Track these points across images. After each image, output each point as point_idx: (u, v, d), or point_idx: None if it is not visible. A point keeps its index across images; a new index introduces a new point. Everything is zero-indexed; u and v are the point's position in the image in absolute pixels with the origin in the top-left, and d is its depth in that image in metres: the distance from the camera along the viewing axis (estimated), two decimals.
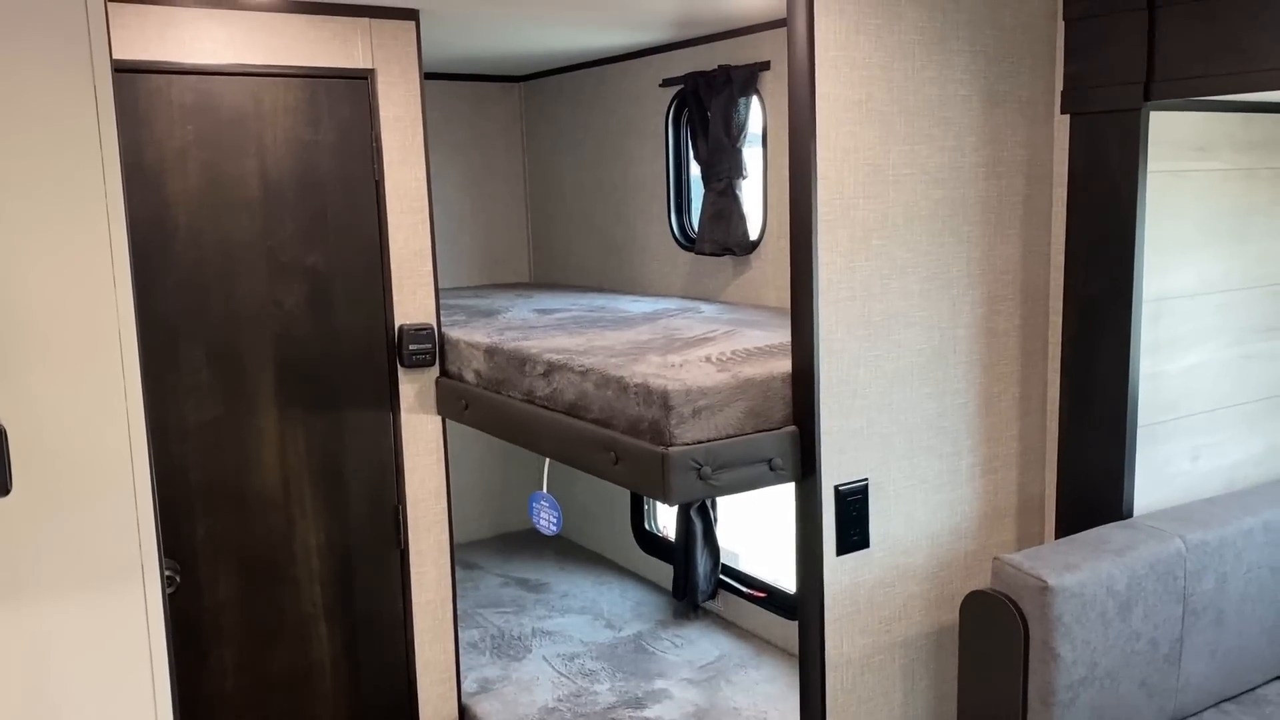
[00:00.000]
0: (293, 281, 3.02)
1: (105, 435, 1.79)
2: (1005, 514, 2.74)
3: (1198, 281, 2.61)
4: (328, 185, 3.04)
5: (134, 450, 1.83)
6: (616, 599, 4.30)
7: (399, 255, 3.17)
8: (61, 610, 1.79)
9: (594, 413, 2.56)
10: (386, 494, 3.23)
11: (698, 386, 2.33)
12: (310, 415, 3.09)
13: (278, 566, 3.09)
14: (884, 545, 2.53)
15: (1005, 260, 2.64)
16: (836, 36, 2.29)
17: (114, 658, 1.85)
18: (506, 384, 2.94)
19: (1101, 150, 2.50)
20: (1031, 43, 2.58)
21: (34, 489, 1.73)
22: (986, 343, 2.64)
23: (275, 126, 2.95)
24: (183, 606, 2.95)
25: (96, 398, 1.78)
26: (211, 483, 2.98)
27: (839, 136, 2.33)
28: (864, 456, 2.47)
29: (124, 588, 1.84)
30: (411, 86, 3.13)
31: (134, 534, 1.85)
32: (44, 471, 1.74)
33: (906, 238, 2.47)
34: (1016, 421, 2.72)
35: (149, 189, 2.80)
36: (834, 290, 2.38)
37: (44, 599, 1.77)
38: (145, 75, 2.76)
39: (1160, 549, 2.33)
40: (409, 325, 3.19)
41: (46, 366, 1.73)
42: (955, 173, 2.52)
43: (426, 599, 3.33)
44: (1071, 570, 2.21)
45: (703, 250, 3.77)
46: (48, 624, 1.78)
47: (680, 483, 2.26)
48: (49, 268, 1.72)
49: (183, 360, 2.90)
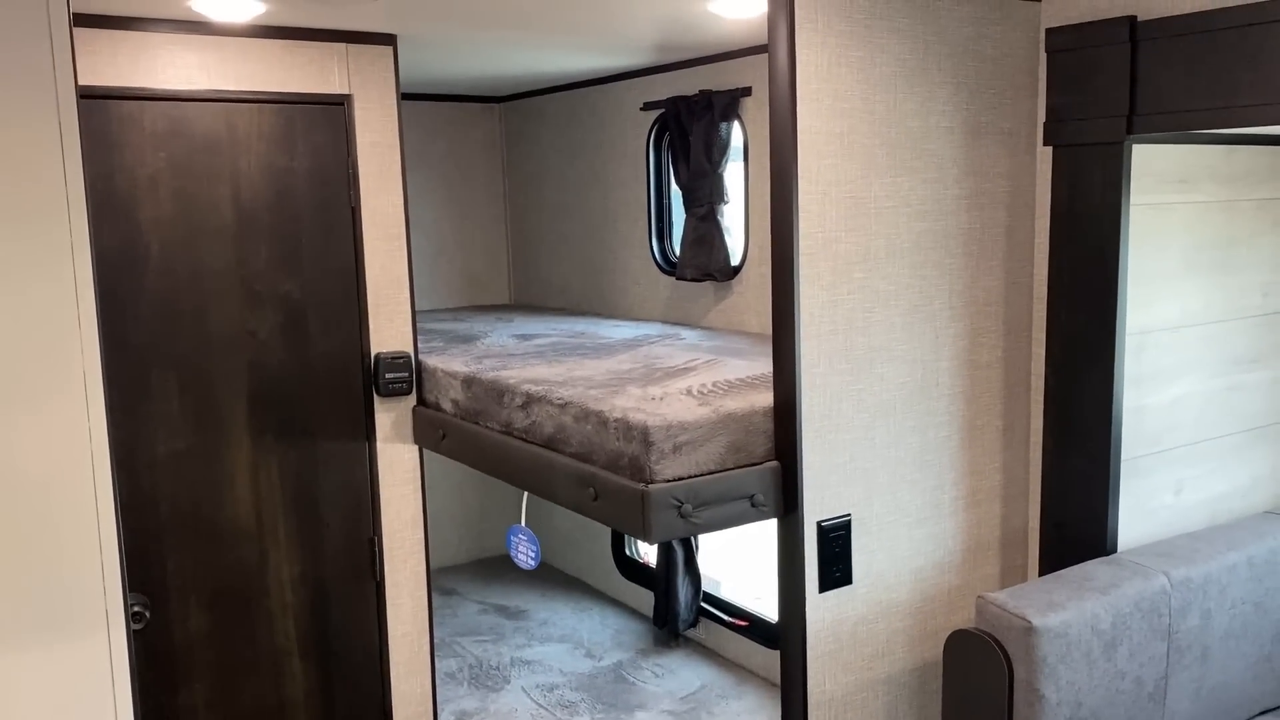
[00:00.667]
0: (267, 309, 2.97)
1: (69, 478, 1.74)
2: (989, 547, 2.71)
3: (1180, 314, 2.59)
4: (303, 212, 2.99)
5: (99, 494, 1.77)
6: (597, 626, 4.26)
7: (376, 282, 3.12)
8: (22, 657, 1.73)
9: (573, 447, 2.52)
10: (362, 525, 3.18)
11: (678, 421, 2.30)
12: (284, 445, 3.03)
13: (250, 599, 3.03)
14: (867, 581, 2.50)
15: (988, 292, 2.62)
16: (818, 69, 2.27)
17: (76, 706, 1.79)
18: (484, 415, 2.90)
19: (1084, 183, 2.49)
20: (1014, 74, 2.57)
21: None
22: (969, 375, 2.61)
23: (250, 153, 2.90)
24: (152, 642, 2.89)
25: (60, 440, 1.72)
26: (182, 514, 2.92)
27: (821, 170, 2.31)
28: (847, 491, 2.44)
29: (87, 634, 1.79)
30: (389, 112, 3.09)
31: (98, 579, 1.79)
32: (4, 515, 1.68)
33: (889, 270, 2.45)
34: (1000, 454, 2.70)
35: (120, 217, 2.75)
36: (816, 324, 2.35)
37: (3, 645, 1.71)
38: (117, 101, 2.72)
39: (1145, 586, 2.31)
40: (385, 353, 3.14)
41: (6, 407, 1.67)
42: (937, 204, 2.50)
43: (403, 631, 3.27)
44: (1056, 609, 2.18)
45: (684, 276, 3.74)
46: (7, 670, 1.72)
47: (661, 521, 2.22)
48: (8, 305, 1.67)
49: (154, 389, 2.84)
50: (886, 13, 2.35)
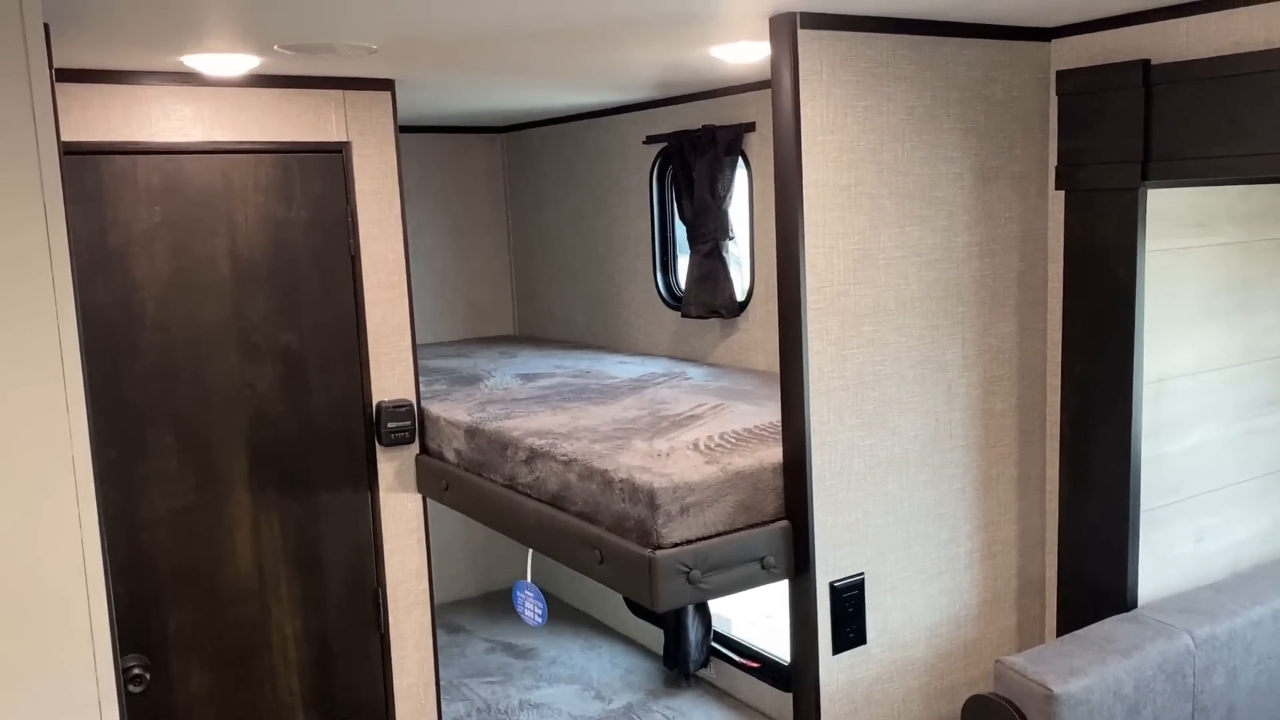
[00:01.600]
0: (265, 362, 2.92)
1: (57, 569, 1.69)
2: (1005, 600, 2.65)
3: (1198, 359, 2.53)
4: (301, 262, 2.95)
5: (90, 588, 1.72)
6: (606, 666, 4.20)
7: (376, 330, 3.07)
8: None
9: (578, 505, 2.47)
10: (365, 576, 3.12)
11: (685, 482, 2.24)
12: (285, 499, 2.98)
13: (253, 656, 2.98)
14: (881, 640, 2.44)
15: (1001, 339, 2.56)
16: (824, 122, 2.21)
17: None
18: (488, 467, 2.85)
19: (1098, 228, 2.43)
20: (1024, 116, 2.52)
21: None
22: (983, 424, 2.56)
23: (246, 204, 2.85)
24: (154, 703, 2.84)
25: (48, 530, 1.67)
26: (182, 572, 2.87)
27: (827, 223, 2.25)
28: (859, 550, 2.38)
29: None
30: (388, 158, 3.04)
31: (90, 668, 1.74)
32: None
33: (899, 322, 2.39)
34: (1015, 503, 2.64)
35: (114, 274, 2.71)
36: (825, 380, 2.29)
37: None
38: (109, 157, 2.67)
39: (1168, 647, 2.24)
40: (387, 402, 3.09)
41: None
42: (948, 252, 2.45)
43: (408, 683, 3.22)
44: (1077, 675, 2.12)
45: (689, 313, 3.69)
46: None
47: (669, 589, 2.16)
48: None
49: (151, 448, 2.79)
50: (892, 60, 2.30)
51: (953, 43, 2.39)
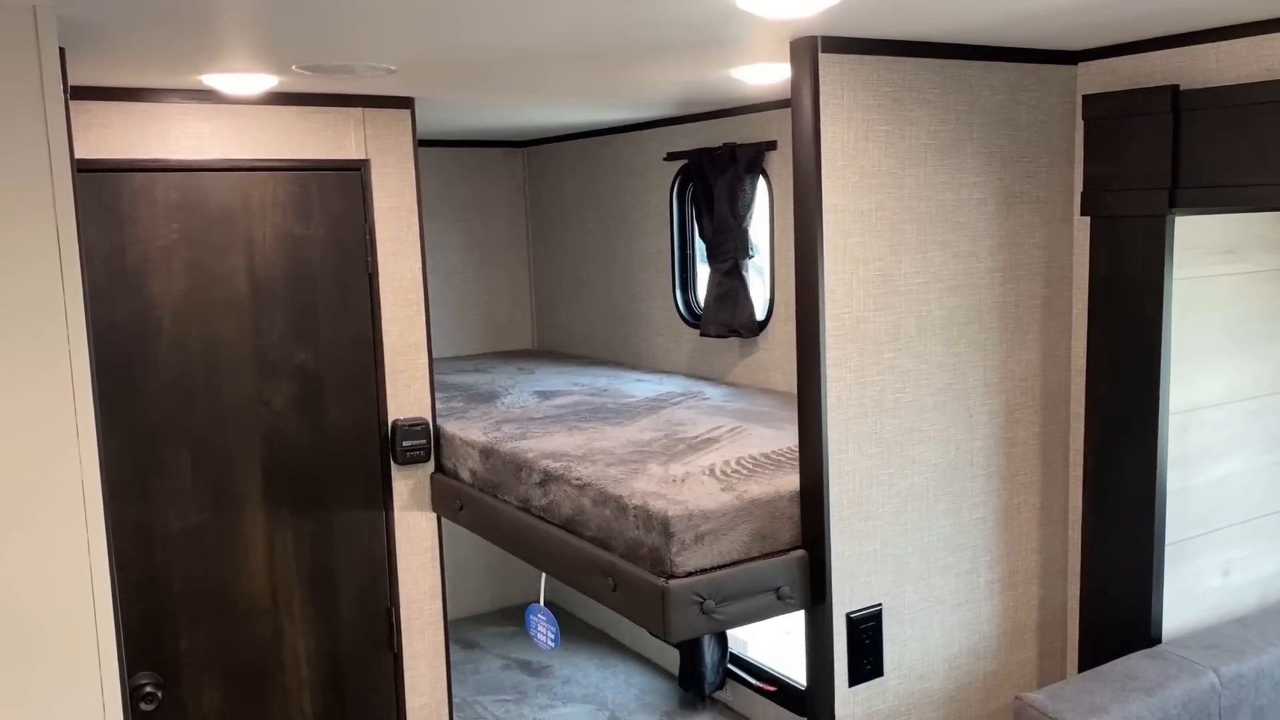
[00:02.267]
0: (282, 380, 2.92)
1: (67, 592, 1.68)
2: (1026, 630, 2.60)
3: (1226, 389, 2.48)
4: (319, 280, 2.94)
5: (98, 608, 1.71)
6: (621, 685, 4.16)
7: (393, 349, 3.06)
8: None
9: (592, 530, 2.44)
10: (379, 595, 3.11)
11: (700, 510, 2.21)
12: (299, 517, 2.97)
13: (266, 675, 2.97)
14: (899, 672, 2.40)
15: (1024, 366, 2.52)
16: (845, 146, 2.18)
17: None
18: (502, 488, 2.82)
19: (1124, 256, 2.38)
20: (1049, 140, 2.48)
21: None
22: (1005, 453, 2.51)
23: (264, 222, 2.85)
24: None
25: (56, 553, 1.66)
26: (196, 590, 2.86)
27: (848, 249, 2.22)
28: (877, 580, 2.34)
29: None
30: (406, 176, 3.03)
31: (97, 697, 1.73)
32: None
33: (920, 349, 2.35)
34: (1037, 533, 2.59)
35: (132, 291, 2.71)
36: (844, 408, 2.26)
37: None
38: (128, 174, 2.67)
39: (1193, 685, 2.19)
40: (403, 420, 3.08)
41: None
42: (970, 278, 2.41)
43: (421, 703, 3.20)
44: (1098, 714, 2.07)
45: (708, 332, 3.66)
46: None
47: (682, 619, 2.13)
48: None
49: (167, 465, 2.79)
50: (915, 84, 2.26)
51: (977, 66, 2.35)
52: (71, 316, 1.69)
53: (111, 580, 1.75)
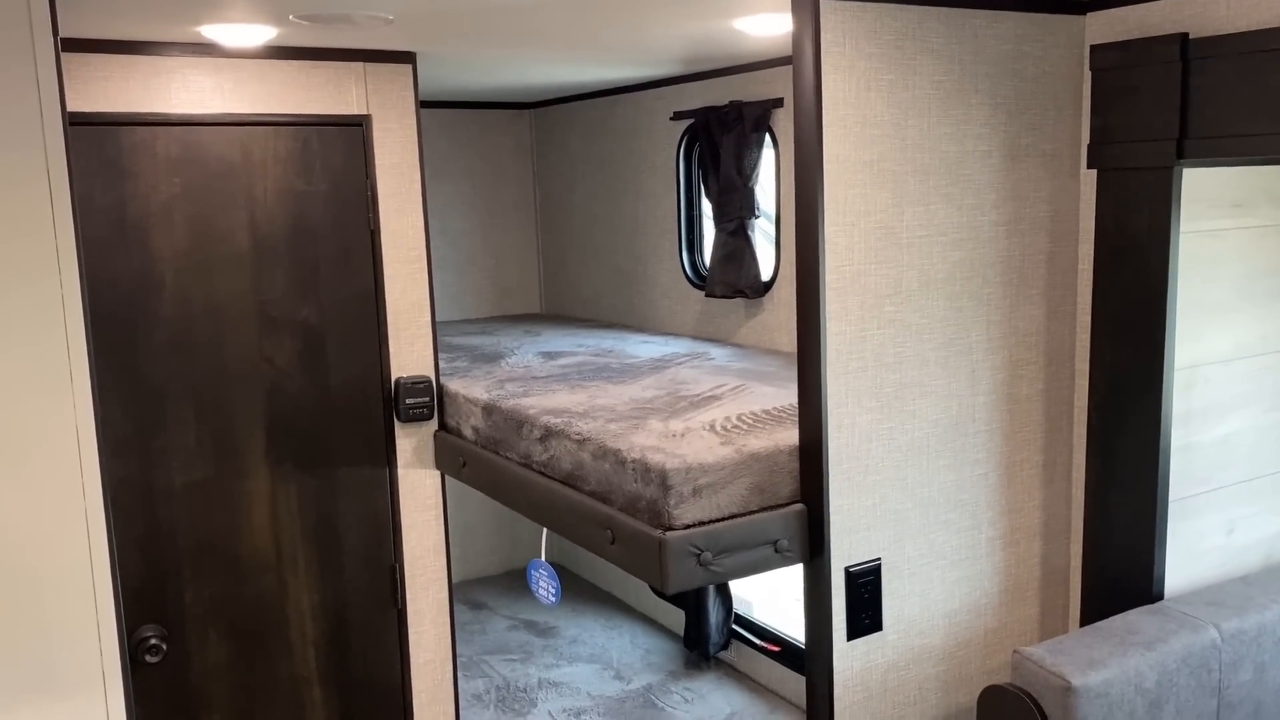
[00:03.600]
0: (284, 336, 2.92)
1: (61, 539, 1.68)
2: (1027, 588, 2.59)
3: (1233, 346, 2.45)
4: (321, 236, 2.93)
5: (94, 554, 1.72)
6: (626, 646, 4.18)
7: (396, 306, 3.06)
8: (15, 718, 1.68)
9: (591, 485, 2.44)
10: (383, 552, 3.12)
11: (698, 463, 2.20)
12: (303, 473, 2.98)
13: (270, 630, 2.99)
14: (898, 627, 2.39)
15: (1028, 322, 2.49)
16: (846, 95, 2.15)
17: None
18: (504, 444, 2.83)
19: (1130, 209, 2.35)
20: (1056, 93, 2.44)
21: None
22: (1008, 410, 2.49)
23: (266, 177, 2.84)
24: (171, 673, 2.86)
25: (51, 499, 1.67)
26: (200, 545, 2.88)
27: (849, 199, 2.19)
28: (876, 535, 2.34)
29: (83, 695, 1.73)
30: (408, 132, 3.02)
31: (94, 640, 1.73)
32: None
33: (921, 303, 2.33)
34: (1039, 490, 2.58)
35: (133, 246, 2.71)
36: (843, 361, 2.24)
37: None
38: (129, 128, 2.67)
39: (1193, 640, 2.18)
40: (406, 378, 3.08)
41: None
42: (974, 232, 2.38)
43: (425, 659, 3.22)
44: (1096, 668, 2.06)
45: (713, 292, 3.64)
46: None
47: (679, 570, 2.13)
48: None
49: (170, 420, 2.80)
50: (919, 33, 2.23)
51: (983, 15, 2.31)
52: (64, 266, 1.67)
53: (108, 525, 1.75)
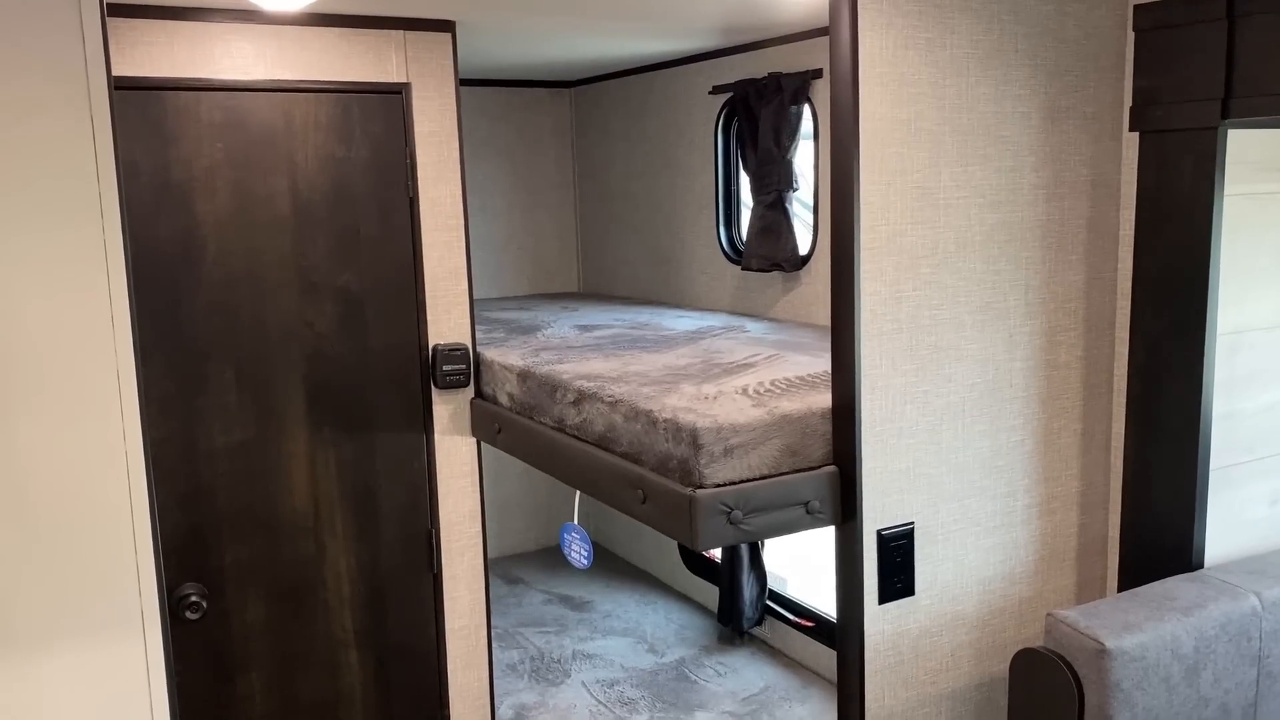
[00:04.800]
0: (324, 301, 2.95)
1: (102, 482, 1.72)
2: (1064, 558, 2.56)
3: (1278, 312, 2.40)
4: (360, 203, 2.96)
5: (134, 497, 1.75)
6: (661, 621, 4.19)
7: (434, 274, 3.08)
8: (56, 663, 1.72)
9: (623, 446, 2.45)
10: (419, 517, 3.15)
11: (730, 424, 2.20)
12: (342, 437, 3.02)
13: (307, 591, 3.03)
14: (931, 592, 2.38)
15: (1067, 288, 2.46)
16: (883, 52, 2.14)
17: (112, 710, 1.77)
18: (538, 410, 2.84)
19: (1173, 171, 2.31)
20: (1098, 55, 2.40)
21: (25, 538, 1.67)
22: (1046, 376, 2.46)
23: (306, 143, 2.88)
24: (210, 631, 2.91)
25: (92, 443, 1.70)
26: (240, 506, 2.92)
27: (885, 159, 2.18)
28: (910, 498, 2.32)
29: (122, 638, 1.77)
30: (447, 100, 3.04)
31: (134, 584, 1.77)
32: (36, 520, 1.67)
33: (959, 265, 2.31)
34: (1077, 459, 2.54)
35: (177, 209, 2.75)
36: (878, 322, 2.23)
37: (38, 651, 1.70)
38: (173, 93, 2.71)
39: (1233, 607, 2.14)
40: (443, 345, 3.10)
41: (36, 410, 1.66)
42: (1013, 195, 2.35)
43: (460, 625, 3.24)
44: (1132, 631, 2.04)
45: (750, 266, 3.63)
46: (43, 676, 1.72)
47: (709, 528, 2.13)
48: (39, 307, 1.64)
49: (212, 382, 2.84)
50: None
51: None
52: (108, 225, 1.70)
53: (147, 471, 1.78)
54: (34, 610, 1.69)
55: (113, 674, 1.77)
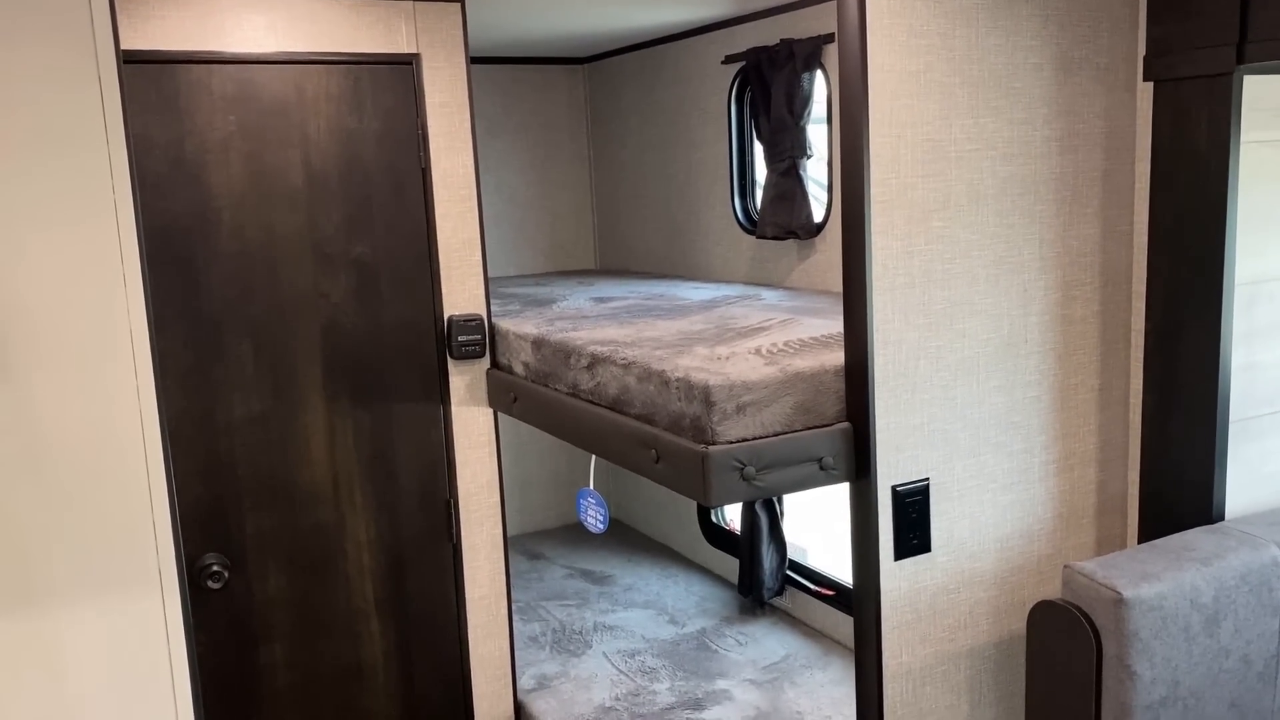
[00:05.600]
0: (339, 273, 2.97)
1: (116, 437, 1.74)
2: (1083, 515, 2.54)
3: None
4: (373, 175, 2.98)
5: (149, 453, 1.77)
6: (681, 593, 4.19)
7: (447, 245, 3.09)
8: (76, 617, 1.74)
9: (636, 408, 2.45)
10: (438, 488, 3.17)
11: (742, 381, 2.20)
12: (359, 408, 3.04)
13: (328, 561, 3.06)
14: (947, 549, 2.37)
15: (1082, 241, 2.44)
16: (891, 3, 2.12)
17: (132, 667, 1.80)
18: (553, 377, 2.85)
19: (1189, 120, 2.28)
20: (1110, 4, 2.37)
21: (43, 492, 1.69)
22: (1062, 331, 2.44)
23: (318, 115, 2.89)
24: (233, 601, 2.94)
25: (106, 399, 1.72)
26: (259, 477, 2.95)
27: (894, 111, 2.16)
28: (924, 455, 2.31)
29: (140, 595, 1.79)
30: (458, 71, 3.04)
31: (150, 539, 1.79)
32: (53, 475, 1.70)
33: (971, 219, 2.29)
34: (1095, 415, 2.52)
35: (191, 182, 2.77)
36: (889, 276, 2.22)
37: (58, 606, 1.73)
38: (185, 66, 2.73)
39: (1253, 558, 2.12)
40: (458, 316, 3.12)
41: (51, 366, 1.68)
42: (1025, 147, 2.33)
43: (480, 594, 3.26)
44: (1149, 581, 2.02)
45: (764, 234, 3.62)
46: (63, 631, 1.74)
47: (721, 484, 2.13)
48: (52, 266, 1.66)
49: (229, 353, 2.87)
50: None
51: None
52: (119, 195, 1.71)
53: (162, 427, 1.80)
54: (53, 567, 1.72)
55: (133, 629, 1.79)
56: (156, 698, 1.81)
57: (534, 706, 3.35)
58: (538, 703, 3.36)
